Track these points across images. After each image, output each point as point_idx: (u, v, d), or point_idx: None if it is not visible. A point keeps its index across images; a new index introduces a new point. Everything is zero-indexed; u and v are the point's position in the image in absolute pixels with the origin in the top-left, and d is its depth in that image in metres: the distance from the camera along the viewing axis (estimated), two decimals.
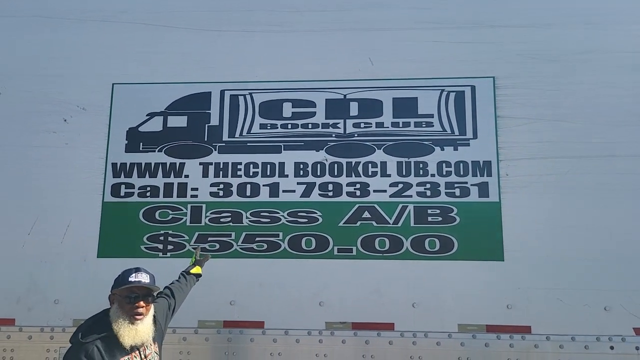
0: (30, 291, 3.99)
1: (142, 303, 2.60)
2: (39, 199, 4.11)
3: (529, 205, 3.86)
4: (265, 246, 3.95)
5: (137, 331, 2.56)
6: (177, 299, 3.12)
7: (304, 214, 3.98)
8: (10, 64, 4.34)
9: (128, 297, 2.59)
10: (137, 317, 2.58)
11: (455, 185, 3.95)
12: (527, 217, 3.84)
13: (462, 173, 3.96)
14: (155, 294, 2.71)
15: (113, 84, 4.27)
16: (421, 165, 4.00)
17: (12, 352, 3.93)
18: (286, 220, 3.98)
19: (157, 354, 2.75)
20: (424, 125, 4.05)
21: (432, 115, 4.07)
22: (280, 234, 3.97)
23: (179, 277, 3.32)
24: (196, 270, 3.42)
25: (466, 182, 3.94)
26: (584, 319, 3.67)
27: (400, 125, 4.07)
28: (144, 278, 2.64)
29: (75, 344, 2.50)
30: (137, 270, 2.67)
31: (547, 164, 3.89)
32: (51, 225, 4.07)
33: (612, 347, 3.62)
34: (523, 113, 3.99)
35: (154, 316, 2.77)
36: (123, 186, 4.11)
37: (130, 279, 2.61)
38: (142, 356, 2.61)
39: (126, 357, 2.53)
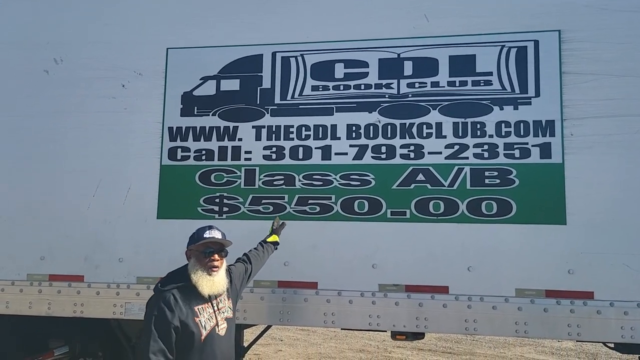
0: (96, 250, 4.21)
1: (216, 256, 2.85)
2: (101, 162, 4.27)
3: (594, 167, 3.66)
4: (318, 209, 3.96)
5: (214, 282, 2.80)
6: (254, 265, 3.35)
7: (357, 177, 3.95)
8: (68, 33, 4.47)
9: (204, 252, 2.83)
10: (213, 269, 2.81)
11: (515, 146, 3.78)
12: (591, 179, 3.65)
13: (522, 133, 3.78)
14: (227, 248, 2.93)
15: (167, 49, 4.32)
16: (478, 126, 3.85)
17: (82, 307, 4.18)
18: (338, 183, 3.97)
19: (230, 309, 2.96)
20: (482, 84, 3.88)
21: (490, 73, 3.88)
22: (333, 196, 3.96)
23: (257, 246, 3.52)
24: (273, 238, 3.63)
25: (527, 143, 3.77)
26: None
27: (457, 85, 3.91)
28: (217, 234, 2.88)
29: (155, 292, 2.78)
30: (210, 227, 2.92)
31: (615, 123, 3.66)
32: (113, 188, 4.24)
33: None
34: (590, 69, 3.74)
35: (230, 276, 3.03)
36: (179, 150, 4.21)
37: (205, 236, 2.85)
38: (216, 307, 2.84)
39: (201, 306, 2.76)
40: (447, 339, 9.42)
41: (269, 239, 3.62)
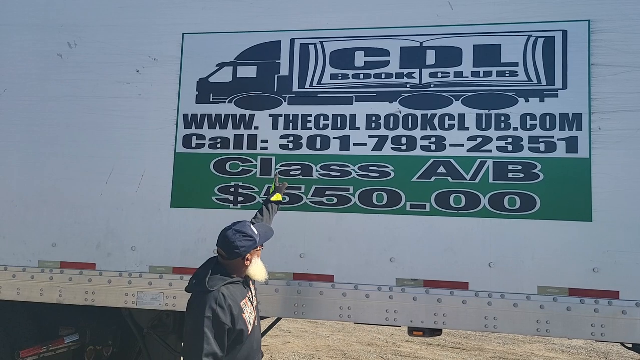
0: (109, 238, 4.14)
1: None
2: (115, 149, 4.19)
3: (622, 163, 3.54)
4: (336, 200, 3.87)
5: (263, 267, 2.86)
6: None
7: (376, 169, 3.85)
8: (82, 16, 4.37)
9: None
10: (259, 255, 2.88)
11: (541, 139, 3.66)
12: (619, 175, 3.53)
13: (548, 127, 3.66)
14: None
15: (183, 34, 4.22)
16: (503, 118, 3.73)
17: (93, 295, 4.12)
18: (357, 175, 3.87)
19: (256, 297, 2.97)
20: (507, 75, 3.76)
21: (516, 64, 3.76)
22: (351, 188, 3.86)
23: (262, 210, 3.40)
24: (277, 197, 3.51)
25: (552, 137, 3.65)
26: None
27: (481, 75, 3.79)
28: (255, 228, 2.87)
29: (200, 292, 2.64)
30: (246, 225, 2.84)
31: None
32: (126, 175, 4.16)
33: None
34: (621, 61, 3.61)
35: None
36: (194, 137, 4.12)
37: (256, 238, 2.82)
38: (252, 297, 2.86)
39: (244, 301, 2.73)
40: (455, 334, 9.33)
41: (273, 198, 3.50)
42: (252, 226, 2.83)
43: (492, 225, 3.66)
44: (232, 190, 4.02)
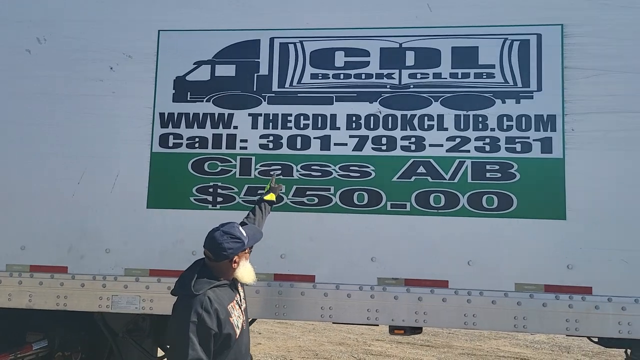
0: (82, 240, 4.01)
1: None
2: (88, 148, 4.07)
3: (594, 163, 3.66)
4: (316, 200, 3.86)
5: (252, 269, 2.82)
6: None
7: (356, 168, 3.86)
8: (52, 10, 4.22)
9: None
10: (247, 258, 2.84)
11: (517, 140, 3.76)
12: (592, 174, 3.66)
13: (524, 127, 3.76)
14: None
15: (159, 31, 4.13)
16: (480, 119, 3.81)
17: (65, 299, 3.99)
18: (338, 175, 3.87)
19: (245, 299, 2.91)
20: (484, 77, 3.84)
21: (493, 66, 3.84)
22: (332, 188, 3.87)
23: (254, 209, 3.35)
24: (270, 197, 3.48)
25: (528, 137, 3.75)
26: None
27: (459, 76, 3.86)
28: (244, 229, 2.82)
29: (185, 296, 2.57)
30: (234, 227, 2.79)
31: (617, 119, 3.66)
32: (100, 175, 4.04)
33: None
34: (593, 64, 3.74)
35: None
36: (171, 136, 4.03)
37: (244, 240, 2.77)
38: (239, 300, 2.79)
39: (231, 304, 2.67)
40: (424, 331, 9.44)
41: (266, 197, 3.47)
42: (240, 228, 2.78)
43: (470, 224, 3.73)
44: (211, 190, 3.96)
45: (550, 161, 3.72)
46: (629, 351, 4.47)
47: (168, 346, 2.94)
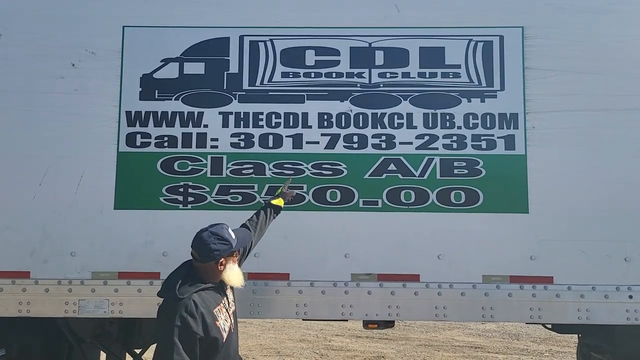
0: (45, 244, 3.85)
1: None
2: (49, 148, 3.91)
3: (554, 159, 3.87)
4: (289, 198, 3.87)
5: (240, 272, 2.78)
6: (256, 237, 3.18)
7: (329, 166, 3.90)
8: (12, 3, 4.02)
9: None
10: (235, 261, 2.78)
11: (482, 137, 3.91)
12: (552, 170, 3.86)
13: (488, 125, 3.92)
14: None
15: (124, 27, 4.02)
16: (448, 117, 3.93)
17: (28, 305, 3.82)
18: (310, 173, 3.90)
19: (234, 302, 2.86)
20: (451, 76, 3.97)
21: (459, 66, 3.98)
22: (305, 186, 3.89)
23: (259, 212, 3.29)
24: (278, 202, 3.42)
25: (493, 135, 3.91)
26: (604, 270, 3.76)
27: (427, 76, 3.97)
28: (233, 232, 2.76)
29: (170, 300, 2.52)
30: (223, 228, 2.74)
31: (574, 117, 3.88)
32: (64, 175, 3.89)
33: (630, 297, 3.73)
34: (551, 65, 3.93)
35: None
36: (139, 136, 3.94)
37: (232, 242, 2.71)
38: (227, 304, 2.74)
39: (217, 308, 2.62)
40: None
41: (274, 201, 3.40)
42: (229, 230, 2.73)
43: (440, 219, 3.85)
44: (182, 190, 3.89)
45: (514, 158, 3.89)
46: (579, 336, 4.77)
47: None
